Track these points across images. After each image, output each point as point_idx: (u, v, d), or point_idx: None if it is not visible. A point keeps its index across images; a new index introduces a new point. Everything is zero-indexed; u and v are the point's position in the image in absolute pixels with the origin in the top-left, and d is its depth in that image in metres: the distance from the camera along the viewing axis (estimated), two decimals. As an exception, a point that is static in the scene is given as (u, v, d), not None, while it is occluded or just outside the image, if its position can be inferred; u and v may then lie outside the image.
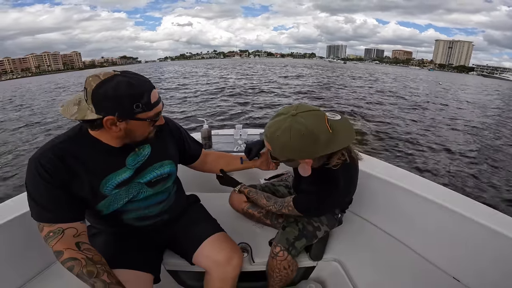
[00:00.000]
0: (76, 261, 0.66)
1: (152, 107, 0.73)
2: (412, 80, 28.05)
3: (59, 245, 0.68)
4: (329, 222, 1.17)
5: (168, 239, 1.03)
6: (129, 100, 0.68)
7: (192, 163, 1.15)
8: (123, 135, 0.74)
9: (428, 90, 17.98)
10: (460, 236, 1.03)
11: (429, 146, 5.34)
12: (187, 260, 1.00)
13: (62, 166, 0.71)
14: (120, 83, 0.67)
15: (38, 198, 0.69)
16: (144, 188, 0.87)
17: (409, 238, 1.22)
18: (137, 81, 0.70)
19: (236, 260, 0.95)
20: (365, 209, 1.39)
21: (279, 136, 0.77)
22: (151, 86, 0.73)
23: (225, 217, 1.17)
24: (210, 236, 0.99)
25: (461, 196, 1.12)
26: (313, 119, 0.76)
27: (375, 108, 9.24)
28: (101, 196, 0.79)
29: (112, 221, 0.87)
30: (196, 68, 39.26)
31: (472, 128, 7.31)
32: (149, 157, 0.88)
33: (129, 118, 0.71)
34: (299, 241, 1.08)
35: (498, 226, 0.91)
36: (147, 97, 0.71)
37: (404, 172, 1.33)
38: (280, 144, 0.78)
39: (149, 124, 0.76)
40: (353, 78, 21.58)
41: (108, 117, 0.68)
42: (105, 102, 0.67)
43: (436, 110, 9.83)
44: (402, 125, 6.94)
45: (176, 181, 1.03)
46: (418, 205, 1.14)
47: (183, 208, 1.08)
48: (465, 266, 1.04)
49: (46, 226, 0.69)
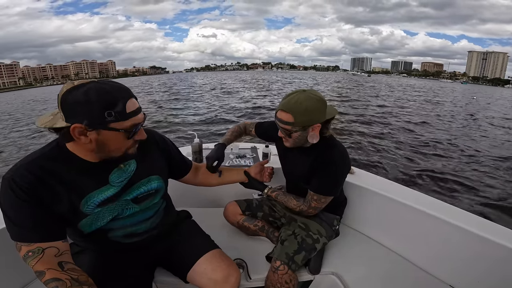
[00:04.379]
0: (60, 282, 0.62)
1: (128, 117, 0.67)
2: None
3: (39, 265, 0.63)
4: (328, 233, 1.19)
5: (159, 256, 0.98)
6: (100, 107, 0.63)
7: (183, 177, 1.11)
8: (95, 148, 0.69)
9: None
10: (454, 245, 1.07)
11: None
12: (181, 278, 0.96)
13: (38, 184, 0.66)
14: (92, 89, 0.63)
15: (14, 217, 0.65)
16: (130, 204, 0.83)
17: (404, 249, 1.24)
18: (112, 88, 0.65)
19: (234, 278, 0.92)
20: (359, 222, 1.42)
21: (301, 103, 0.95)
22: (129, 94, 0.69)
23: (218, 232, 1.16)
24: (206, 253, 0.96)
25: (452, 207, 1.16)
26: (318, 93, 1.00)
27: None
28: (82, 215, 0.74)
29: (97, 239, 0.82)
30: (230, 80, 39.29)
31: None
32: (135, 173, 0.83)
33: (100, 127, 0.65)
34: (298, 255, 1.09)
35: (489, 234, 0.98)
36: (122, 106, 0.66)
37: (397, 185, 1.38)
38: (303, 108, 0.95)
39: (124, 137, 0.70)
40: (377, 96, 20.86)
41: (75, 125, 0.63)
42: (74, 108, 0.63)
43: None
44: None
45: (165, 196, 0.98)
46: (411, 217, 1.18)
47: (173, 224, 1.04)
48: (461, 275, 1.07)
49: (24, 246, 0.64)
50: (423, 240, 1.17)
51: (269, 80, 41.05)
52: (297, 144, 1.06)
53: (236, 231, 1.36)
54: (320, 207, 1.11)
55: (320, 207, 1.11)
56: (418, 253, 1.20)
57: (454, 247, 1.07)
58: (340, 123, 8.49)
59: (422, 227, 1.15)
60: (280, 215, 1.35)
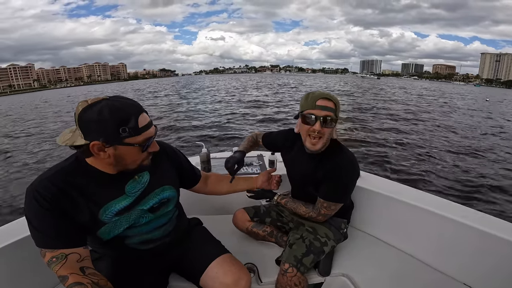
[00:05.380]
0: (82, 286, 0.65)
1: (140, 132, 0.72)
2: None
3: (63, 270, 0.67)
4: (335, 236, 1.21)
5: (173, 262, 1.03)
6: (114, 124, 0.67)
7: (193, 187, 1.15)
8: (113, 162, 0.74)
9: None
10: (463, 243, 1.08)
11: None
12: (194, 282, 1.00)
13: (60, 195, 0.71)
14: (104, 107, 0.67)
15: (39, 226, 0.69)
16: (146, 214, 0.88)
17: (413, 248, 1.26)
18: (123, 105, 0.69)
19: (245, 282, 0.94)
20: (367, 224, 1.44)
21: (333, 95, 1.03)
22: (140, 109, 0.72)
23: (229, 238, 1.19)
24: (216, 257, 0.99)
25: (459, 205, 1.19)
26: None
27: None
28: (101, 223, 0.79)
29: (115, 245, 0.87)
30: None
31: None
32: (149, 183, 0.88)
33: (116, 143, 0.69)
34: (307, 258, 1.10)
35: (496, 231, 1.00)
36: (134, 121, 0.70)
37: (402, 186, 1.42)
38: (337, 99, 1.04)
39: (139, 150, 0.74)
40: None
41: (94, 142, 0.67)
42: (91, 126, 0.67)
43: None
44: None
45: (177, 205, 1.03)
46: (418, 216, 1.21)
47: (185, 231, 1.09)
48: (472, 272, 1.08)
49: (48, 252, 0.69)
50: (431, 239, 1.19)
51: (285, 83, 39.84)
52: (326, 143, 1.06)
53: (246, 237, 1.39)
54: (330, 214, 1.12)
55: (329, 214, 1.12)
56: (427, 252, 1.21)
57: (463, 245, 1.08)
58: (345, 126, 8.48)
59: (430, 226, 1.17)
60: (288, 220, 1.38)
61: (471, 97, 27.97)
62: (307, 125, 1.03)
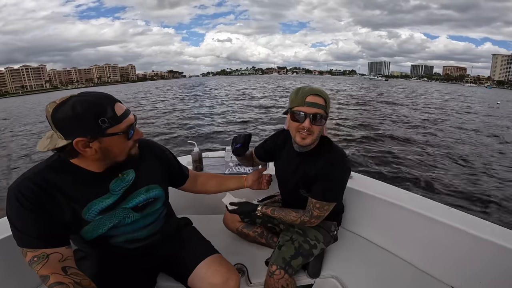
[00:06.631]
0: (64, 286, 0.64)
1: (121, 120, 0.71)
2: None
3: (44, 270, 0.66)
4: (325, 239, 1.20)
5: (161, 261, 1.02)
6: (91, 117, 0.66)
7: (182, 185, 1.14)
8: (101, 156, 0.73)
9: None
10: (452, 246, 1.09)
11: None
12: (182, 282, 0.99)
13: (42, 194, 0.70)
14: (76, 103, 0.66)
15: (20, 226, 0.69)
16: (130, 213, 0.86)
17: (402, 251, 1.27)
18: (95, 98, 0.69)
19: (233, 282, 0.93)
20: (357, 225, 1.44)
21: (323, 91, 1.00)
22: (113, 99, 0.72)
23: (219, 238, 1.18)
24: (205, 258, 0.98)
25: (449, 208, 1.18)
26: None
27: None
28: (84, 222, 0.78)
29: (100, 244, 0.85)
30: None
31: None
32: (134, 182, 0.86)
33: (100, 136, 0.69)
34: (295, 260, 1.09)
35: (484, 234, 1.01)
36: (111, 111, 0.69)
37: (393, 188, 1.41)
38: (327, 95, 1.00)
39: (124, 138, 0.74)
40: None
41: (78, 139, 0.66)
42: (68, 124, 0.66)
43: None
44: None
45: (165, 204, 1.01)
46: (408, 219, 1.20)
47: (174, 230, 1.07)
48: (460, 274, 1.08)
49: (29, 252, 0.68)
50: (421, 242, 1.19)
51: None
52: (316, 139, 1.02)
53: (236, 237, 1.39)
54: (323, 216, 1.07)
55: (322, 216, 1.07)
56: (416, 254, 1.21)
57: (451, 248, 1.09)
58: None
59: (420, 229, 1.17)
60: (278, 221, 1.35)
61: (478, 100, 26.99)
62: (296, 122, 0.99)
